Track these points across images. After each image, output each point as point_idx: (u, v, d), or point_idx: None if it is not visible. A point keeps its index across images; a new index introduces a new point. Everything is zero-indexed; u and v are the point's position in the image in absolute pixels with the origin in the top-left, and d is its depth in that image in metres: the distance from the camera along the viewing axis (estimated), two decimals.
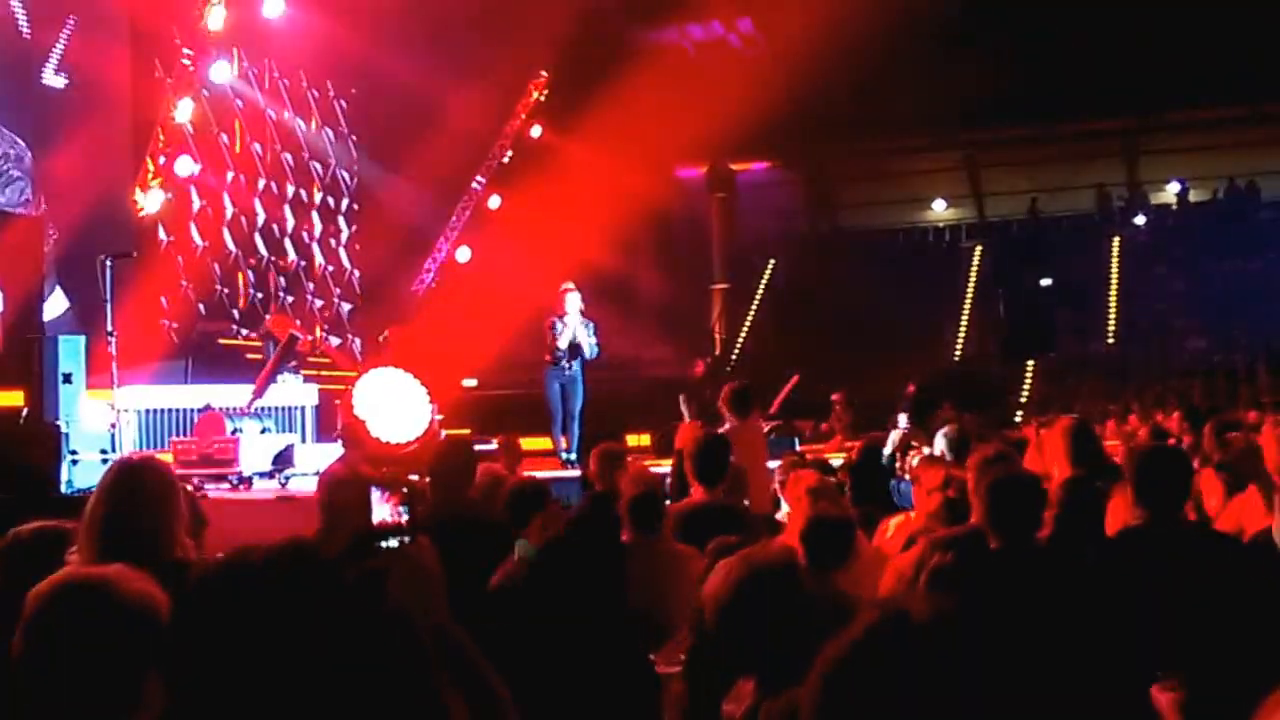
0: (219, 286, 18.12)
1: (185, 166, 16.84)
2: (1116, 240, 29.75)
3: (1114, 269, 29.17)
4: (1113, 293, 28.71)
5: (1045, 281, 29.17)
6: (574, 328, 12.39)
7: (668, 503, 6.64)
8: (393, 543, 2.14)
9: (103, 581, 2.28)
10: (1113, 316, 28.27)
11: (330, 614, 1.68)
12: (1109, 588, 4.38)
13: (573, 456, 12.13)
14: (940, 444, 7.37)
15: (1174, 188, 30.86)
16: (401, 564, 2.09)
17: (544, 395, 12.54)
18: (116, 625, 2.18)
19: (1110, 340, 27.80)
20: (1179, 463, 4.79)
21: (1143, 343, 27.36)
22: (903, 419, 14.86)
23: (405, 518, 2.02)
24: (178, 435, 11.97)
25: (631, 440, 14.77)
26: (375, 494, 1.91)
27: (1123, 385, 25.34)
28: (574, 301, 12.51)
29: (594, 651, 3.61)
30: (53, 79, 15.34)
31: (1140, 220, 30.48)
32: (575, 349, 12.41)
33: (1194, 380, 24.89)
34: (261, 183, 19.14)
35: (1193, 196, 30.78)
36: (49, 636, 2.22)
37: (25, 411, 10.54)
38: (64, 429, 10.14)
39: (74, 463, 10.09)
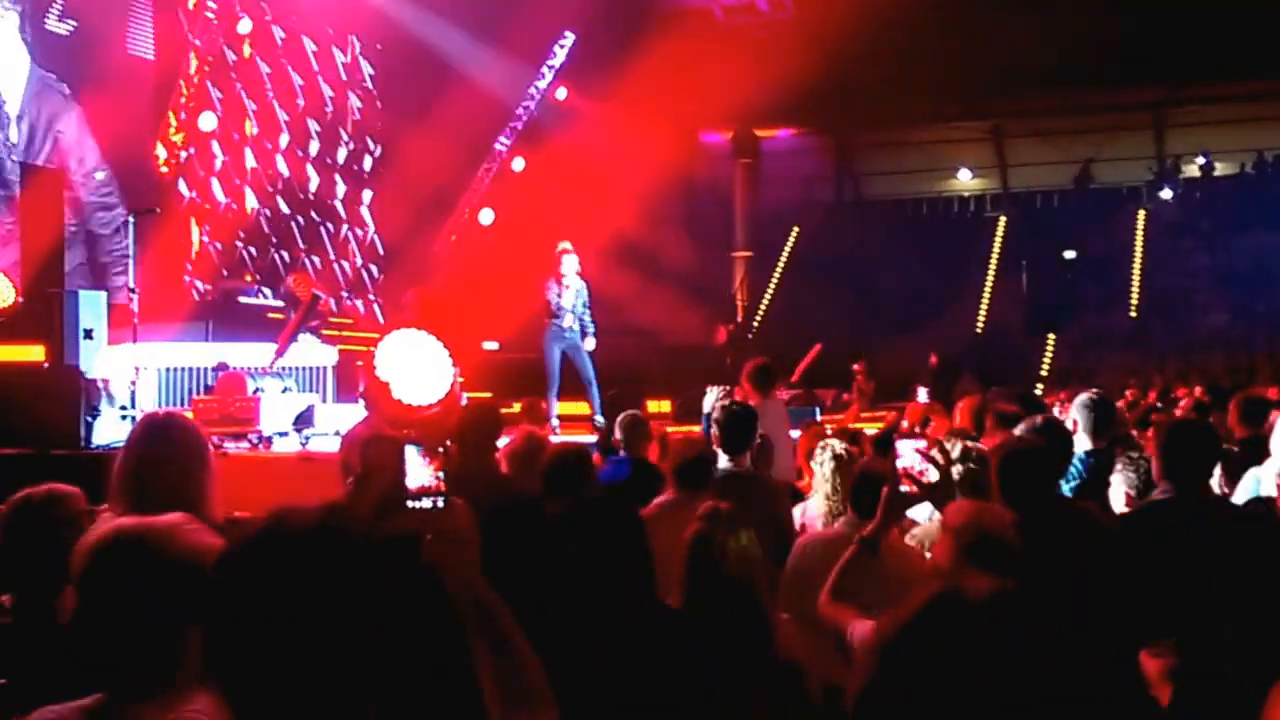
0: (241, 245, 18.09)
1: (208, 122, 16.79)
2: (1142, 213, 29.55)
3: (1138, 242, 28.98)
4: (1136, 266, 28.52)
5: (1069, 254, 28.97)
6: (575, 290, 12.30)
7: None
8: (425, 504, 2.11)
9: (152, 532, 2.28)
10: (1135, 290, 28.10)
11: (366, 577, 1.65)
12: (1131, 560, 4.36)
13: (600, 420, 12.06)
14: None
15: (1201, 161, 30.57)
16: (435, 525, 2.06)
17: (543, 358, 12.43)
18: (164, 577, 2.18)
19: (1132, 314, 27.64)
20: (1205, 437, 4.74)
21: (1165, 317, 27.20)
22: (923, 393, 14.79)
23: (443, 482, 1.97)
24: (198, 393, 11.94)
25: (652, 407, 14.72)
26: (414, 456, 1.85)
27: (1143, 359, 25.25)
28: (571, 263, 12.40)
29: (619, 609, 3.58)
30: (56, 25, 15.18)
31: (1167, 194, 30.22)
32: (569, 296, 12.30)
33: (1215, 355, 24.77)
34: (285, 141, 19.07)
35: (1220, 170, 30.50)
36: (100, 587, 2.23)
37: (46, 366, 10.54)
38: (101, 387, 10.11)
39: (93, 418, 10.07)
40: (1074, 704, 2.92)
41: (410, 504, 2.11)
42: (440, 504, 2.10)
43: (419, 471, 2.16)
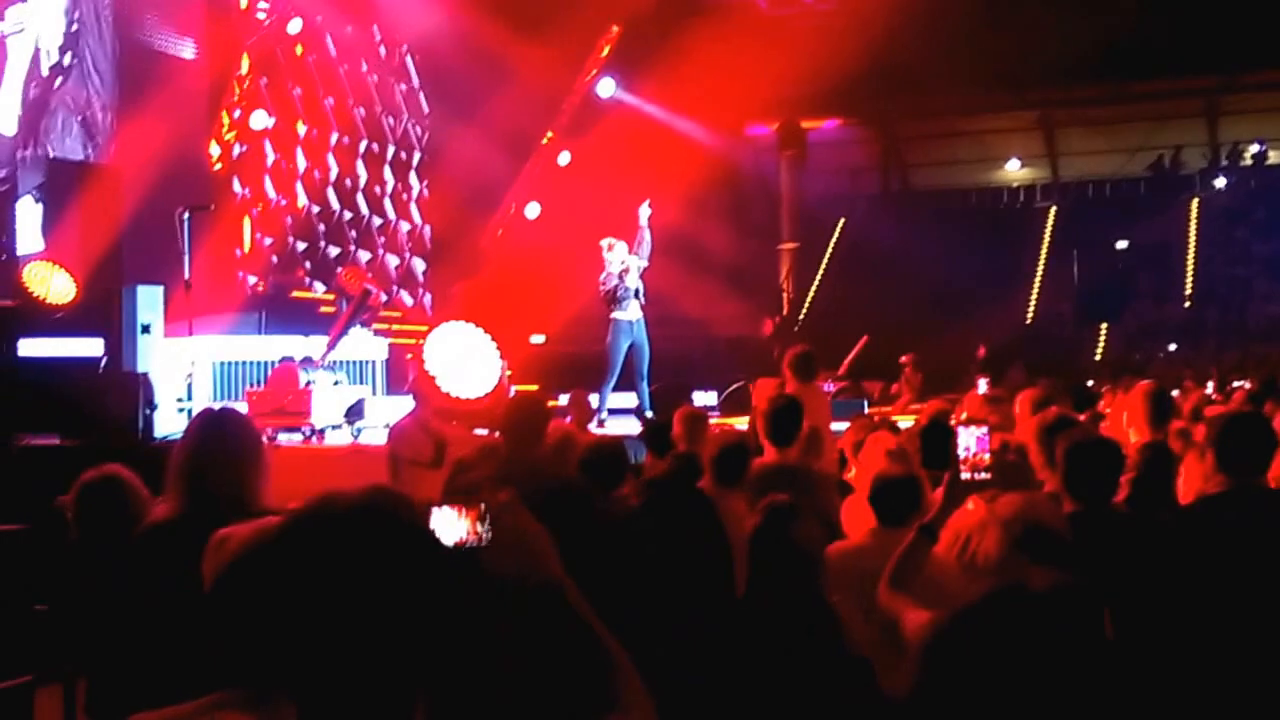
0: (292, 240, 18.28)
1: (260, 120, 16.98)
2: (1195, 202, 29.21)
3: (1192, 231, 28.66)
4: (1190, 255, 28.21)
5: (1121, 244, 28.69)
6: (635, 269, 12.11)
7: None
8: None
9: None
10: (1189, 280, 27.79)
11: (412, 556, 1.64)
12: (1188, 554, 4.32)
13: (650, 413, 11.97)
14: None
15: (1255, 149, 30.16)
16: (499, 532, 1.99)
17: (607, 349, 12.23)
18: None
19: (1186, 304, 27.34)
20: (1261, 429, 4.63)
21: (1220, 306, 26.89)
22: (983, 384, 14.75)
23: (486, 534, 1.87)
24: (252, 386, 12.10)
25: (699, 399, 14.72)
26: (446, 516, 1.78)
27: (1198, 349, 24.96)
28: (619, 251, 12.22)
29: (691, 599, 3.61)
30: None
31: (1220, 182, 29.85)
32: (631, 277, 12.12)
33: (1271, 346, 24.45)
34: (334, 137, 19.23)
35: (1274, 158, 30.08)
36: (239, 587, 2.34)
37: (105, 360, 10.71)
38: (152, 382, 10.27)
39: (151, 411, 10.22)
40: (1128, 695, 2.94)
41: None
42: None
43: (456, 527, 2.07)
